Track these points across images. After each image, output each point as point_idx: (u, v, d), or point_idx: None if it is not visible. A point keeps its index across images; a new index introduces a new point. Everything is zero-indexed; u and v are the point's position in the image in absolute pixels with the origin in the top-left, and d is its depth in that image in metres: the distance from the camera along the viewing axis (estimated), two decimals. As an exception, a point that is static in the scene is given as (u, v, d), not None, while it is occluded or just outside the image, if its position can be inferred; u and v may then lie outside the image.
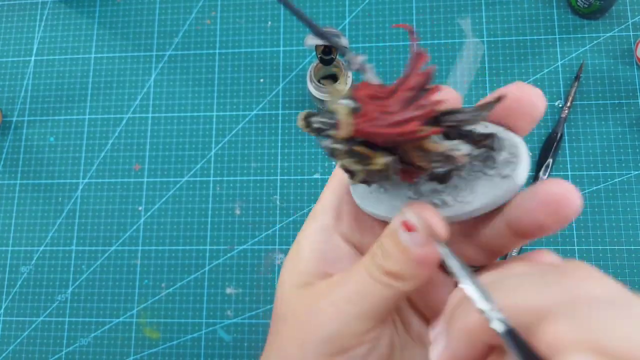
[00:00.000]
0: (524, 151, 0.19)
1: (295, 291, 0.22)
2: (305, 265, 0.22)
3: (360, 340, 0.20)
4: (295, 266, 0.22)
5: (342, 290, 0.20)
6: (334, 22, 0.61)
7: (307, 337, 0.20)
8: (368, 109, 0.17)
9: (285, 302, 0.22)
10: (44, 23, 0.65)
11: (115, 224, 0.58)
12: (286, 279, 0.23)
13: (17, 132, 0.62)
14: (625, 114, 0.55)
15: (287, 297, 0.22)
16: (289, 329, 0.21)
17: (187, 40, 0.62)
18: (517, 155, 0.19)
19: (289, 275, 0.22)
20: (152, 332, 0.56)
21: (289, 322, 0.21)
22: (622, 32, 0.57)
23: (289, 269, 0.23)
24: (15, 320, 0.57)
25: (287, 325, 0.21)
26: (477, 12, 0.59)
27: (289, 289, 0.22)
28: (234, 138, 0.59)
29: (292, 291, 0.22)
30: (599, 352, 0.12)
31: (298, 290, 0.22)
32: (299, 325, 0.21)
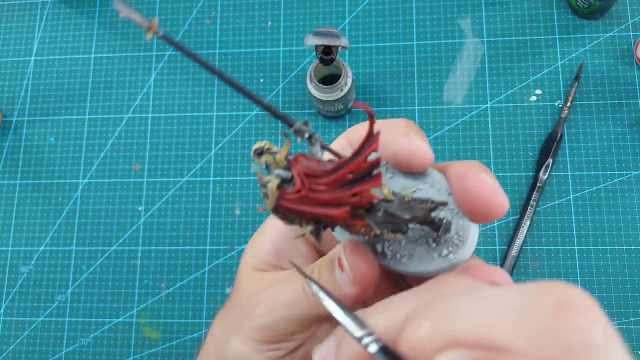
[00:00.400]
0: (473, 237, 0.19)
1: (251, 272, 0.24)
2: (264, 254, 0.24)
3: (287, 338, 0.22)
4: (256, 250, 0.24)
5: (279, 292, 0.22)
6: (334, 22, 0.61)
7: (245, 319, 0.22)
8: (299, 185, 0.17)
9: (242, 277, 0.24)
10: (43, 23, 0.65)
11: (115, 224, 0.58)
12: (247, 258, 0.25)
13: (17, 132, 0.62)
14: (625, 114, 0.55)
15: (244, 274, 0.24)
16: (237, 302, 0.24)
17: (187, 40, 0.62)
18: (464, 240, 0.19)
19: (250, 255, 0.24)
20: (151, 332, 0.56)
21: (240, 297, 0.24)
22: (622, 32, 0.57)
23: (251, 249, 0.25)
24: (15, 320, 0.57)
25: (237, 299, 0.24)
26: (477, 12, 0.59)
27: (247, 268, 0.24)
28: (234, 138, 0.59)
29: (249, 271, 0.24)
30: (454, 343, 0.12)
31: (253, 272, 0.24)
32: (244, 304, 0.23)
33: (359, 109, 0.58)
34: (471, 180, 0.18)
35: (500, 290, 0.12)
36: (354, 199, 0.17)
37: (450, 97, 0.57)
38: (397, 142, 0.20)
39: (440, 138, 0.57)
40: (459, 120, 0.57)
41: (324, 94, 0.52)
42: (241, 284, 0.24)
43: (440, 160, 0.56)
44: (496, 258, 0.54)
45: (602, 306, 0.51)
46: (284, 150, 0.17)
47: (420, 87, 0.58)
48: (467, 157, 0.56)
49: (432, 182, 0.20)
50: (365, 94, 0.59)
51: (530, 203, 0.53)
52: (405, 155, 0.20)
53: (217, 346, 0.24)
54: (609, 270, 0.52)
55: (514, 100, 0.57)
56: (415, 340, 0.13)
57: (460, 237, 0.19)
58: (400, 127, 0.20)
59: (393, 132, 0.20)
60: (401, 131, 0.20)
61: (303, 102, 0.59)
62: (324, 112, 0.57)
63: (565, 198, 0.54)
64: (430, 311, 0.13)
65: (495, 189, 0.18)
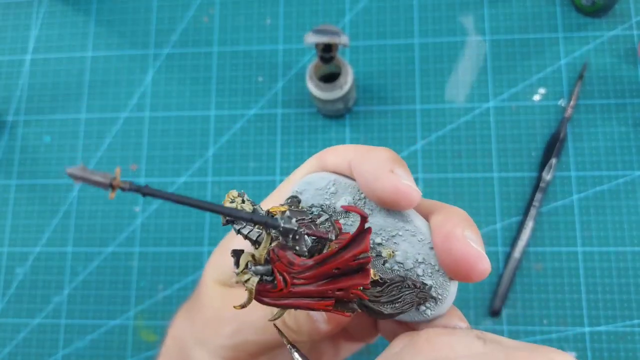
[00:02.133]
0: (452, 293, 0.19)
1: (214, 285, 0.24)
2: (228, 270, 0.23)
3: (253, 356, 0.22)
4: (220, 265, 0.24)
5: (247, 315, 0.21)
6: (334, 19, 0.60)
7: (212, 336, 0.22)
8: (281, 284, 0.16)
9: (205, 287, 0.24)
10: (40, 21, 0.64)
11: (112, 225, 0.58)
12: (210, 271, 0.24)
13: (12, 131, 0.61)
14: (629, 113, 0.55)
15: (207, 285, 0.24)
16: (203, 315, 0.23)
17: (184, 38, 0.62)
18: (443, 298, 0.19)
19: (213, 269, 0.24)
20: (148, 335, 0.55)
21: (205, 309, 0.23)
22: (625, 31, 0.57)
23: (214, 263, 0.24)
24: (11, 322, 0.57)
25: (202, 311, 0.23)
26: (480, 9, 0.59)
27: (211, 281, 0.24)
28: (233, 138, 0.58)
29: (212, 284, 0.24)
30: None
31: (216, 286, 0.23)
32: (209, 318, 0.23)
33: (359, 108, 0.58)
34: (456, 243, 0.18)
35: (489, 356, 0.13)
36: (339, 294, 0.16)
37: (452, 96, 0.57)
38: (382, 179, 0.18)
39: (442, 138, 0.56)
40: (461, 120, 0.56)
41: (324, 92, 0.52)
42: (205, 296, 0.24)
43: (442, 160, 0.56)
44: (499, 260, 0.53)
45: (606, 308, 0.51)
46: (262, 249, 0.16)
47: (422, 86, 0.57)
48: (469, 158, 0.55)
49: (414, 230, 0.19)
50: (365, 93, 0.58)
51: (533, 204, 0.53)
52: (391, 194, 0.18)
53: (180, 351, 0.24)
54: (612, 271, 0.52)
55: (516, 99, 0.56)
56: None
57: (439, 295, 0.19)
58: (385, 162, 0.18)
59: (377, 167, 0.18)
60: (387, 166, 0.18)
61: (303, 101, 0.59)
62: (323, 111, 0.56)
63: (569, 198, 0.53)
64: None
65: (480, 255, 0.18)
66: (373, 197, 0.19)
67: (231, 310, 0.22)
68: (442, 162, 0.56)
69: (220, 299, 0.23)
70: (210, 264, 0.24)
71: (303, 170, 0.21)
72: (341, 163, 0.20)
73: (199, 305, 0.24)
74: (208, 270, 0.24)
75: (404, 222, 0.19)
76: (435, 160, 0.56)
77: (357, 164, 0.19)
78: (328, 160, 0.20)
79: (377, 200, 0.19)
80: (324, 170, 0.21)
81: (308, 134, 0.58)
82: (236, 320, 0.22)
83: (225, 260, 0.24)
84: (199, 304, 0.24)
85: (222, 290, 0.23)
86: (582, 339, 0.51)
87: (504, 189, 0.54)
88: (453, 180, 0.55)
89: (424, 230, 0.19)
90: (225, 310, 0.22)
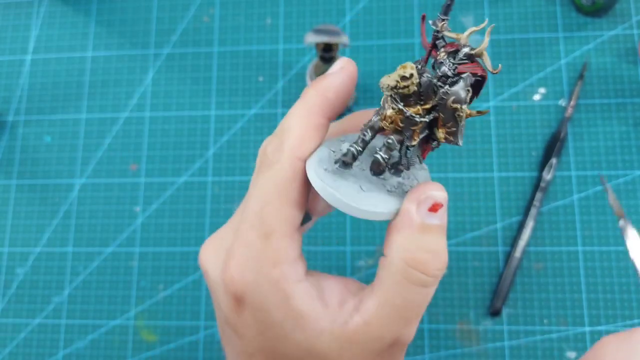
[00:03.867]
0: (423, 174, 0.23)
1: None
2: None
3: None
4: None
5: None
6: (334, 19, 0.60)
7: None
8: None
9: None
10: (40, 21, 0.64)
11: (112, 224, 0.58)
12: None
13: (13, 131, 0.61)
14: (629, 112, 0.55)
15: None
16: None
17: (185, 38, 0.62)
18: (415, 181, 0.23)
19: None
20: (149, 335, 0.55)
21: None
22: (626, 31, 0.57)
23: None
24: (11, 322, 0.57)
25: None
26: (480, 9, 0.59)
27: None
28: (233, 138, 0.59)
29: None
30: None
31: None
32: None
33: (359, 107, 0.58)
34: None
35: None
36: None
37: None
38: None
39: (442, 137, 0.56)
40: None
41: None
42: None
43: (442, 160, 0.56)
44: (499, 259, 0.53)
45: (606, 308, 0.51)
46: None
47: (422, 86, 0.57)
48: (469, 157, 0.55)
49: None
50: (366, 93, 0.58)
51: (533, 203, 0.53)
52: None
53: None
54: (613, 271, 0.52)
55: (517, 98, 0.56)
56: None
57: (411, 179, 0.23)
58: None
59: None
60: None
61: (303, 101, 0.59)
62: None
63: (569, 198, 0.53)
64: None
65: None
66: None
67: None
68: (442, 161, 0.56)
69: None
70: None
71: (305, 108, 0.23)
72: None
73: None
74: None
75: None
76: (436, 160, 0.56)
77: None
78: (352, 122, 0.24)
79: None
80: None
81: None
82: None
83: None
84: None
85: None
86: (583, 338, 0.51)
87: (504, 189, 0.54)
88: (453, 180, 0.55)
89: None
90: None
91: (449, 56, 0.19)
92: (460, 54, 0.19)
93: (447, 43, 0.20)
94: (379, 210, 0.20)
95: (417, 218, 0.20)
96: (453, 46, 0.20)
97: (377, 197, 0.21)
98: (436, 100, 0.19)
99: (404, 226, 0.20)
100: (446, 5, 0.20)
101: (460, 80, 0.19)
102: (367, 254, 0.54)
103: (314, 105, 0.21)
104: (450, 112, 0.19)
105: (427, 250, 0.20)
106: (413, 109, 0.20)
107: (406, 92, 0.19)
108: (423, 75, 0.19)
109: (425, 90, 0.20)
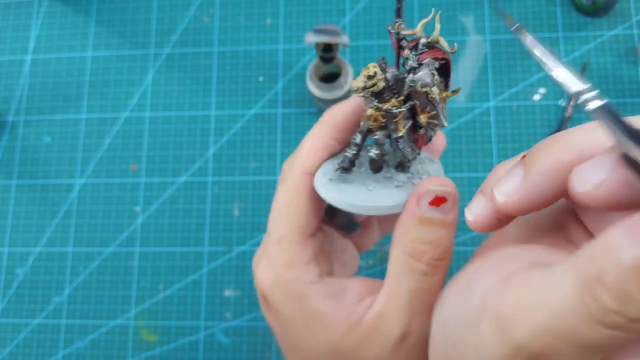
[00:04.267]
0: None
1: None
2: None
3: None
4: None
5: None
6: (334, 19, 0.60)
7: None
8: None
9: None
10: (40, 21, 0.64)
11: (112, 224, 0.58)
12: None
13: (13, 131, 0.61)
14: (629, 112, 0.55)
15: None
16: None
17: (185, 38, 0.62)
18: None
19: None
20: (149, 335, 0.55)
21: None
22: (625, 31, 0.57)
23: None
24: (11, 322, 0.57)
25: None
26: (480, 9, 0.59)
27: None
28: (233, 137, 0.59)
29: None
30: None
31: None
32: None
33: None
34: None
35: None
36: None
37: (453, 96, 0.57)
38: None
39: (442, 137, 0.56)
40: (461, 119, 0.56)
41: (324, 92, 0.52)
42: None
43: (443, 160, 0.56)
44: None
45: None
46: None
47: (422, 86, 0.57)
48: (469, 157, 0.55)
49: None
50: (366, 93, 0.58)
51: (533, 203, 0.53)
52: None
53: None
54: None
55: (517, 98, 0.56)
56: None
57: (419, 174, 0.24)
58: None
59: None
60: None
61: (303, 101, 0.59)
62: (324, 111, 0.56)
63: (569, 198, 0.54)
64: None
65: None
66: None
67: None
68: (442, 161, 0.55)
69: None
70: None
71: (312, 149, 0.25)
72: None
73: None
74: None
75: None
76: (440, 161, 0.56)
77: None
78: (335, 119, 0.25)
79: None
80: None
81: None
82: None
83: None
84: None
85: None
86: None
87: (504, 189, 0.54)
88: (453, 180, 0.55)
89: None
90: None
91: (411, 50, 0.21)
92: (419, 45, 0.21)
93: (409, 41, 0.22)
94: (383, 204, 0.21)
95: (416, 211, 0.21)
96: (414, 42, 0.21)
97: (383, 193, 0.22)
98: (406, 90, 0.21)
99: (405, 218, 0.21)
100: (397, 8, 0.22)
101: (423, 67, 0.20)
102: (366, 253, 0.54)
103: (323, 128, 0.24)
104: (423, 97, 0.21)
105: (425, 242, 0.21)
106: (389, 104, 0.21)
107: (375, 89, 0.20)
108: (388, 71, 0.21)
109: (396, 84, 0.21)
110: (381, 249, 0.54)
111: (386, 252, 0.54)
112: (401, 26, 0.22)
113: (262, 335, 0.54)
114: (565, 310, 0.13)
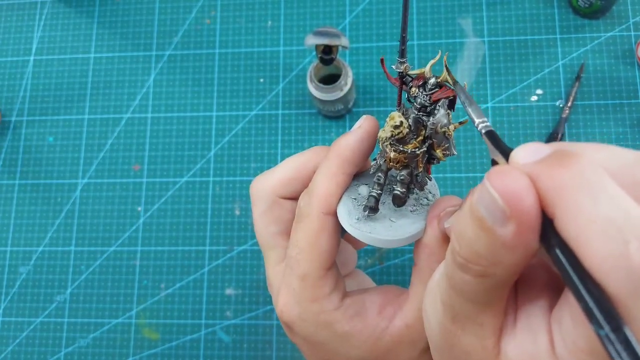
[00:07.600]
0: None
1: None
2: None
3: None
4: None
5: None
6: (334, 21, 0.61)
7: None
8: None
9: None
10: (43, 23, 0.64)
11: (115, 224, 0.58)
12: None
13: (16, 132, 0.62)
14: (626, 114, 0.55)
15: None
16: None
17: (186, 40, 0.62)
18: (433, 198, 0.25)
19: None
20: (151, 333, 0.55)
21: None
22: (623, 32, 0.57)
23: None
24: (14, 320, 0.57)
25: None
26: (478, 12, 0.59)
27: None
28: (234, 138, 0.59)
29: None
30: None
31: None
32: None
33: (359, 109, 0.58)
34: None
35: None
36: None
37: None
38: None
39: (441, 138, 0.57)
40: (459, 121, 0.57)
41: (324, 94, 0.52)
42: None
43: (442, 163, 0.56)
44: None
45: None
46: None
47: (421, 87, 0.58)
48: (467, 158, 0.56)
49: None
50: (365, 94, 0.59)
51: (531, 203, 0.53)
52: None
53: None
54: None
55: (514, 100, 0.57)
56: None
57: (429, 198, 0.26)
58: None
59: None
60: None
61: (303, 102, 0.59)
62: (324, 112, 0.57)
63: (566, 198, 0.54)
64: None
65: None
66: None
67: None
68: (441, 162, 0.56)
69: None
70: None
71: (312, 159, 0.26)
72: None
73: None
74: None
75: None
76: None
77: None
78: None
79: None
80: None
81: (308, 134, 0.58)
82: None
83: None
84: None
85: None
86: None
87: (502, 189, 0.55)
88: (452, 180, 0.55)
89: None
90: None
91: (420, 89, 0.22)
92: (429, 85, 0.22)
93: (413, 78, 0.23)
94: (407, 235, 0.24)
95: (437, 233, 0.23)
96: (420, 79, 0.23)
97: (406, 223, 0.24)
98: (427, 132, 0.23)
99: (427, 240, 0.23)
100: (401, 50, 0.23)
101: (440, 109, 0.22)
102: (366, 253, 0.55)
103: (333, 165, 0.25)
104: (440, 135, 0.22)
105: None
106: (411, 145, 0.23)
107: (400, 136, 0.22)
108: (409, 116, 0.23)
109: (415, 126, 0.23)
110: (380, 248, 0.55)
111: (385, 251, 0.55)
112: (408, 67, 0.23)
113: (262, 333, 0.54)
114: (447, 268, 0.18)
